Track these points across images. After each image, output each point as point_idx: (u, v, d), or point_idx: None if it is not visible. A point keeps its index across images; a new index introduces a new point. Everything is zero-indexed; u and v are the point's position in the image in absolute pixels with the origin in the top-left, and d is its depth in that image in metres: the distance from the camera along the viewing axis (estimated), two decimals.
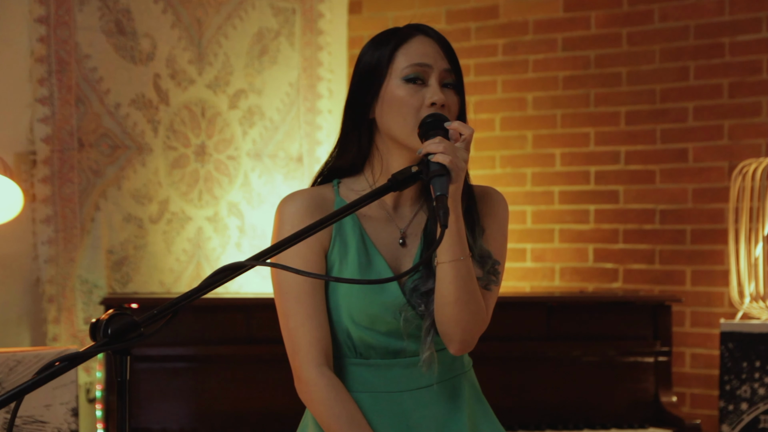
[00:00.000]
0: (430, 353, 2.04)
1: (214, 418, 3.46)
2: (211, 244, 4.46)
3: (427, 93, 2.01)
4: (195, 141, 4.43)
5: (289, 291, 2.06)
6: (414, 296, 2.03)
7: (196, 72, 4.44)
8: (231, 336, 3.51)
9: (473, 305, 2.00)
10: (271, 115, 4.71)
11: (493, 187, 2.16)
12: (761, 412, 3.78)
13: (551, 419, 3.62)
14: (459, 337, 2.02)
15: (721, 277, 4.36)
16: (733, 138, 4.39)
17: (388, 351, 2.07)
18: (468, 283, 1.99)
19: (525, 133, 4.82)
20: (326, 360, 2.06)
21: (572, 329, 3.74)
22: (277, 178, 4.71)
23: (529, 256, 4.80)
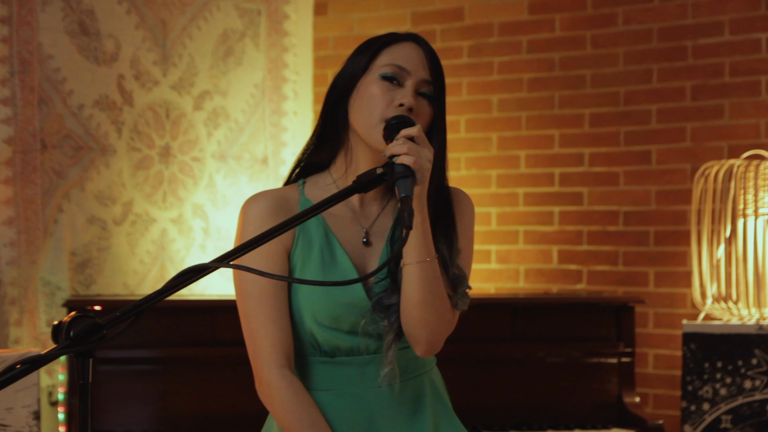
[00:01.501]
0: (390, 368, 2.04)
1: (178, 421, 3.44)
2: (176, 246, 4.44)
3: (399, 94, 2.01)
4: (159, 142, 4.41)
5: (251, 293, 2.05)
6: (378, 308, 2.03)
7: (161, 73, 4.42)
8: (195, 338, 3.50)
9: (439, 306, 2.00)
10: (236, 117, 4.69)
11: (459, 188, 2.17)
12: (723, 413, 3.81)
13: (516, 420, 3.63)
14: (425, 338, 2.02)
15: (683, 279, 4.39)
16: (696, 140, 4.43)
17: (352, 349, 2.06)
18: (434, 284, 1.99)
19: (490, 135, 4.83)
20: (288, 362, 2.05)
21: (537, 330, 3.75)
22: (242, 180, 4.70)
23: (494, 258, 4.81)
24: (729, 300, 3.99)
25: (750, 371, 3.80)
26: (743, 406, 3.80)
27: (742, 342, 3.81)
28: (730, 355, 3.81)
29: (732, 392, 3.80)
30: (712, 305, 4.01)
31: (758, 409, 3.78)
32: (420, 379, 2.12)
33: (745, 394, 3.80)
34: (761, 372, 3.79)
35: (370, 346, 2.07)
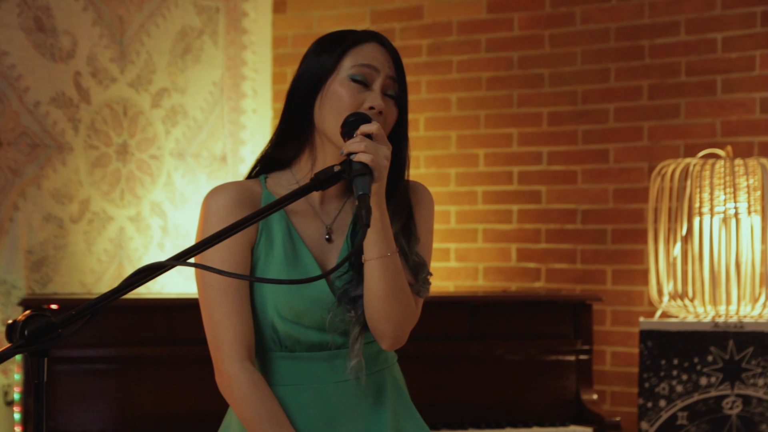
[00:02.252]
0: (357, 361, 2.04)
1: (137, 420, 3.42)
2: (134, 244, 4.41)
3: (368, 96, 2.02)
4: (117, 140, 4.38)
5: (213, 284, 2.04)
6: (344, 300, 2.04)
7: (118, 70, 4.39)
8: (153, 337, 3.48)
9: (402, 300, 2.02)
10: (195, 115, 4.67)
11: (418, 181, 2.18)
12: (679, 409, 3.84)
13: (475, 418, 3.64)
14: (390, 332, 2.03)
15: (640, 277, 4.42)
16: (653, 139, 4.46)
17: (314, 344, 2.07)
18: (396, 278, 2.00)
19: (449, 134, 4.84)
20: (249, 355, 2.05)
21: (495, 328, 3.77)
22: (201, 178, 4.68)
23: (453, 256, 4.83)
24: (685, 298, 4.03)
25: (706, 368, 3.83)
26: (699, 403, 3.83)
27: (698, 339, 3.85)
28: (686, 352, 3.85)
29: (688, 389, 3.84)
30: (669, 303, 4.05)
31: (714, 405, 3.82)
32: (382, 375, 2.13)
33: (701, 390, 3.83)
34: (716, 369, 3.83)
35: (331, 341, 2.07)
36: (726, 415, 3.81)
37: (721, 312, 3.95)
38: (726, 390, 3.82)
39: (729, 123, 4.31)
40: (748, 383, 3.80)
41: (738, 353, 3.82)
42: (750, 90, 4.28)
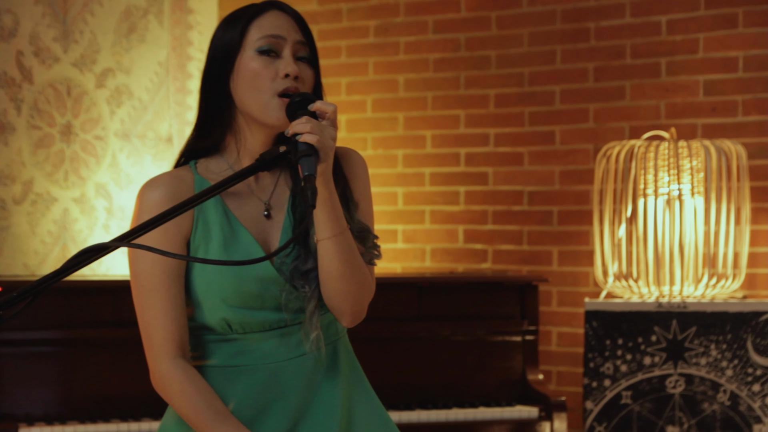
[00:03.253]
0: (316, 334, 2.04)
1: (81, 403, 3.40)
2: (78, 226, 4.37)
3: (281, 65, 2.01)
4: (60, 120, 4.33)
5: (145, 284, 2.03)
6: (296, 277, 2.03)
7: (61, 50, 4.33)
8: (98, 319, 3.45)
9: (358, 276, 2.02)
10: (140, 95, 4.63)
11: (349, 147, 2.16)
12: (623, 389, 3.89)
13: (422, 398, 3.66)
14: (349, 309, 2.04)
15: (586, 258, 4.46)
16: (598, 121, 4.49)
17: (265, 324, 2.06)
18: (351, 255, 2.00)
19: (396, 115, 4.84)
20: (181, 352, 2.04)
21: (442, 309, 3.78)
22: (146, 159, 4.64)
23: (401, 238, 4.83)
24: (630, 278, 4.07)
25: (650, 348, 3.88)
26: (643, 382, 3.88)
27: (642, 319, 3.89)
28: (631, 332, 3.89)
29: (632, 368, 3.88)
30: (614, 284, 4.09)
31: (657, 384, 3.87)
32: (335, 345, 2.12)
33: (645, 370, 3.88)
34: (660, 348, 3.88)
35: (283, 320, 2.06)
36: (669, 394, 3.86)
37: (664, 292, 3.99)
38: (669, 369, 3.86)
39: (673, 105, 4.35)
40: (691, 362, 3.85)
41: (681, 333, 3.86)
42: (694, 72, 4.32)
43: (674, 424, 3.84)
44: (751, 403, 3.80)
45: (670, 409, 3.85)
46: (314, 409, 2.09)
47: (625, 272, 4.07)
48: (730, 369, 3.82)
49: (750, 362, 3.82)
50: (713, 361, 3.83)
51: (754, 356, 3.82)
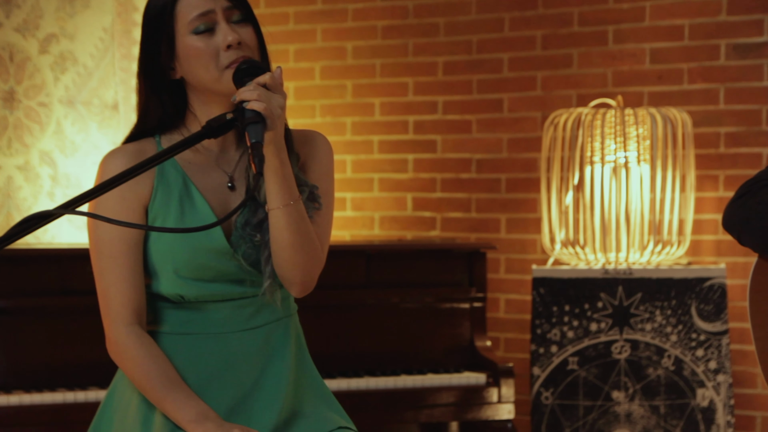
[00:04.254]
0: (271, 282, 2.05)
1: (27, 373, 3.37)
2: (22, 194, 4.32)
3: (220, 37, 2.00)
4: (3, 87, 4.27)
5: (103, 249, 2.03)
6: (247, 230, 2.03)
7: (3, 15, 4.26)
8: (44, 288, 3.42)
9: (309, 247, 2.02)
10: (85, 61, 4.57)
11: (315, 130, 2.17)
12: (570, 354, 3.93)
13: (370, 365, 3.67)
14: (299, 279, 2.04)
15: (533, 225, 4.48)
16: (546, 89, 4.51)
17: (217, 296, 2.06)
18: (301, 226, 2.00)
19: (345, 83, 4.82)
20: (138, 319, 2.05)
21: (391, 277, 3.78)
22: (92, 126, 4.59)
23: (349, 205, 4.83)
24: (576, 245, 4.10)
25: (596, 314, 3.92)
26: (589, 348, 3.92)
27: (588, 286, 3.92)
28: (577, 298, 3.92)
29: (579, 335, 3.92)
30: (561, 251, 4.12)
31: (603, 350, 3.91)
32: (284, 323, 2.13)
33: (591, 336, 3.92)
34: (606, 315, 3.92)
35: (236, 292, 2.06)
36: (615, 360, 3.90)
37: (611, 259, 4.03)
38: (615, 335, 3.91)
39: (620, 73, 4.37)
40: (636, 328, 3.90)
41: (627, 299, 3.91)
42: (640, 41, 4.35)
43: (620, 389, 3.89)
44: (694, 368, 3.86)
45: (616, 375, 3.89)
46: (262, 382, 2.10)
47: (572, 239, 4.10)
48: (675, 334, 3.87)
49: (694, 328, 3.87)
50: (658, 326, 3.88)
51: (698, 322, 3.87)
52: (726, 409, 3.83)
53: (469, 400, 3.64)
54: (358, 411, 2.72)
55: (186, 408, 2.00)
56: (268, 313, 2.11)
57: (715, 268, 3.90)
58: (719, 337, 3.86)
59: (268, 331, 2.11)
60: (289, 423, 2.09)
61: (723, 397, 3.84)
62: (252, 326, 2.09)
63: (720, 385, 3.84)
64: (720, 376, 3.84)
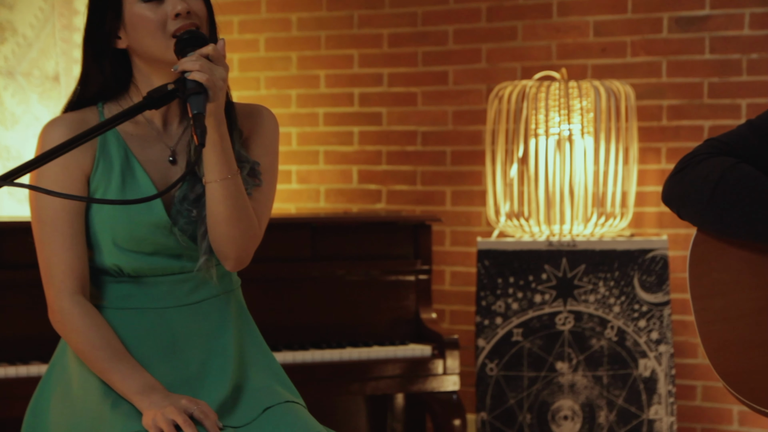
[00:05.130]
0: (206, 258, 2.05)
1: None
2: None
3: (168, 5, 1.98)
4: None
5: (46, 219, 2.02)
6: (185, 204, 2.03)
7: None
8: None
9: (245, 222, 2.01)
10: (24, 31, 4.50)
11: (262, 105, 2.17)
12: (514, 326, 3.95)
13: (316, 338, 3.67)
14: (234, 254, 2.03)
15: (478, 197, 4.50)
16: (491, 61, 4.51)
17: (157, 270, 2.05)
18: (238, 200, 1.99)
19: (289, 55, 4.80)
20: (81, 289, 2.04)
21: (336, 250, 3.78)
22: (32, 98, 4.53)
23: (295, 178, 4.81)
24: (521, 218, 4.12)
25: (540, 286, 3.95)
26: (533, 320, 3.95)
27: (533, 258, 3.95)
28: (522, 270, 3.95)
29: (523, 306, 3.95)
30: (506, 223, 4.14)
31: (547, 321, 3.94)
32: (226, 298, 2.13)
33: (536, 307, 3.95)
34: (550, 286, 3.95)
35: (176, 267, 2.05)
36: (559, 331, 3.94)
37: (555, 231, 4.06)
38: (559, 306, 3.94)
39: (564, 46, 4.39)
40: (580, 300, 3.93)
41: (570, 271, 3.94)
42: (584, 13, 4.36)
43: (563, 360, 3.92)
44: (637, 339, 3.90)
45: (560, 346, 3.93)
46: (207, 359, 2.09)
47: (517, 212, 4.12)
48: (618, 306, 3.91)
49: (636, 299, 3.91)
50: (601, 298, 3.92)
51: (641, 293, 3.91)
52: (667, 378, 3.89)
53: (415, 372, 3.65)
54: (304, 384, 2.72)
55: (132, 379, 1.99)
56: (209, 289, 2.10)
57: (658, 240, 3.94)
58: (661, 308, 3.90)
59: (209, 307, 2.10)
60: (237, 397, 2.08)
61: (664, 367, 3.89)
62: (192, 301, 2.09)
63: (662, 355, 3.89)
64: (662, 346, 3.89)
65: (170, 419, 1.93)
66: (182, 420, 1.93)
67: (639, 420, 3.88)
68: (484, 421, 3.91)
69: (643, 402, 3.88)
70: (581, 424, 3.91)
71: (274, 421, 2.04)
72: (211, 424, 1.95)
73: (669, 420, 3.87)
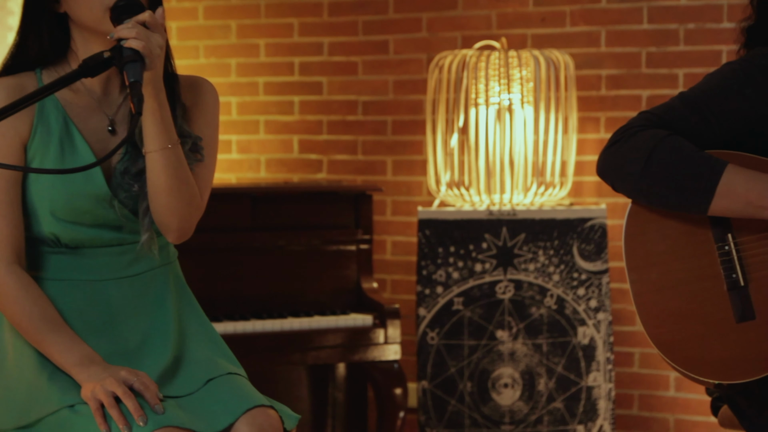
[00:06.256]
0: (149, 235, 2.03)
1: None
2: None
3: None
4: None
5: None
6: (126, 178, 2.00)
7: None
8: None
9: (186, 193, 1.99)
10: None
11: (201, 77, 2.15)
12: (455, 295, 3.97)
13: (257, 309, 3.66)
14: (176, 225, 2.02)
15: (419, 167, 4.50)
16: (431, 30, 4.51)
17: (96, 241, 2.03)
18: (179, 170, 1.97)
19: (229, 23, 4.75)
20: (17, 258, 2.01)
21: (277, 220, 3.77)
22: None
23: (235, 148, 4.79)
24: (462, 187, 4.14)
25: (480, 255, 3.97)
26: (474, 289, 3.97)
27: (473, 227, 3.97)
28: (462, 240, 3.97)
29: (464, 275, 3.97)
30: (446, 192, 4.15)
31: (488, 290, 3.97)
32: (164, 271, 2.11)
33: (476, 276, 3.97)
34: (491, 255, 3.97)
35: (115, 238, 2.04)
36: (499, 299, 3.97)
37: (495, 201, 4.08)
38: (499, 275, 3.97)
39: (504, 15, 4.39)
40: (520, 268, 3.96)
41: (511, 240, 3.96)
42: None
43: (503, 328, 3.95)
44: (576, 307, 3.94)
45: (500, 314, 3.96)
46: (147, 333, 2.08)
47: (457, 181, 4.14)
48: (557, 274, 3.95)
49: (575, 267, 3.95)
50: (541, 266, 3.95)
51: (580, 261, 3.95)
52: (606, 346, 3.93)
53: (356, 341, 3.66)
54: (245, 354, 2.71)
55: (70, 351, 1.97)
56: (147, 261, 2.09)
57: (596, 209, 3.97)
58: (599, 276, 3.94)
59: (148, 279, 2.09)
60: (177, 369, 2.07)
61: (603, 335, 3.93)
62: (131, 274, 2.07)
63: (600, 323, 3.93)
64: (600, 314, 3.94)
65: (110, 391, 1.91)
66: (122, 391, 1.91)
67: (578, 387, 3.93)
68: (425, 390, 3.93)
69: (582, 369, 3.93)
70: (521, 392, 3.94)
71: (216, 393, 2.03)
72: (151, 395, 1.94)
73: (607, 386, 3.93)
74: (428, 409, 3.92)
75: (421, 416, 3.93)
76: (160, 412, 1.92)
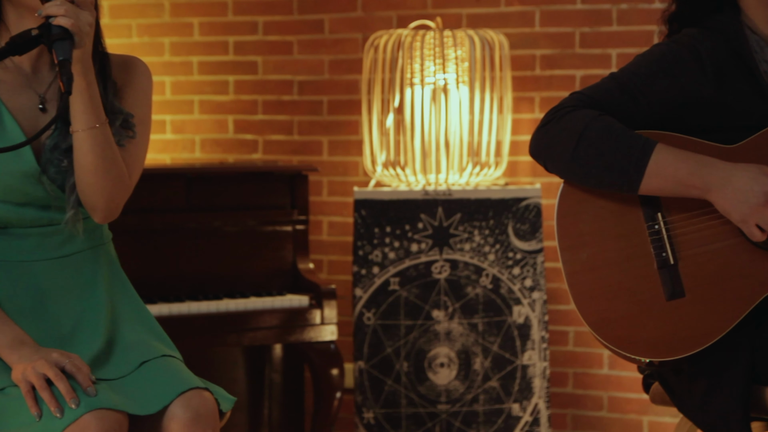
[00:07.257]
0: (74, 212, 2.00)
1: None
2: None
3: None
4: None
5: None
6: (56, 153, 1.98)
7: None
8: None
9: (114, 173, 1.97)
10: None
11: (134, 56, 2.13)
12: (391, 275, 3.98)
13: (193, 290, 3.64)
14: (102, 205, 1.99)
15: (355, 147, 4.50)
16: (367, 10, 4.50)
17: (25, 221, 2.00)
18: (106, 150, 1.95)
19: (162, 1, 4.70)
20: None
21: (212, 200, 3.75)
22: None
23: (169, 128, 4.74)
24: (397, 167, 4.14)
25: (416, 235, 3.98)
26: (410, 269, 3.98)
27: (409, 207, 3.98)
28: (398, 220, 3.97)
29: (400, 255, 3.98)
30: (382, 173, 4.15)
31: (424, 270, 3.98)
32: (96, 252, 2.09)
33: (412, 257, 3.98)
34: (427, 236, 3.98)
35: (45, 218, 2.01)
36: (435, 279, 3.98)
37: (431, 181, 4.09)
38: (435, 255, 3.98)
39: None
40: (456, 248, 3.98)
41: (446, 220, 3.98)
42: None
43: (440, 308, 3.97)
44: (511, 286, 3.97)
45: (436, 294, 3.97)
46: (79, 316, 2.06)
47: (393, 161, 4.14)
48: (493, 254, 3.97)
49: (511, 247, 3.98)
50: (476, 246, 3.97)
51: (515, 241, 3.98)
52: (541, 324, 3.97)
53: (293, 322, 3.66)
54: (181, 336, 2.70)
55: (0, 333, 1.95)
56: (78, 243, 2.06)
57: (531, 189, 4.00)
58: (534, 255, 3.98)
59: (79, 261, 2.06)
60: (110, 351, 2.06)
61: (538, 314, 3.97)
62: (61, 255, 2.05)
63: (535, 302, 3.97)
64: (535, 293, 3.97)
65: (41, 373, 1.89)
66: (53, 374, 1.89)
67: (513, 366, 3.96)
68: (362, 370, 3.94)
69: (517, 348, 3.96)
70: (457, 371, 3.97)
71: (149, 375, 2.02)
72: (83, 377, 1.92)
73: (542, 365, 3.96)
74: (365, 390, 3.94)
75: (358, 396, 3.94)
76: (93, 394, 1.90)
